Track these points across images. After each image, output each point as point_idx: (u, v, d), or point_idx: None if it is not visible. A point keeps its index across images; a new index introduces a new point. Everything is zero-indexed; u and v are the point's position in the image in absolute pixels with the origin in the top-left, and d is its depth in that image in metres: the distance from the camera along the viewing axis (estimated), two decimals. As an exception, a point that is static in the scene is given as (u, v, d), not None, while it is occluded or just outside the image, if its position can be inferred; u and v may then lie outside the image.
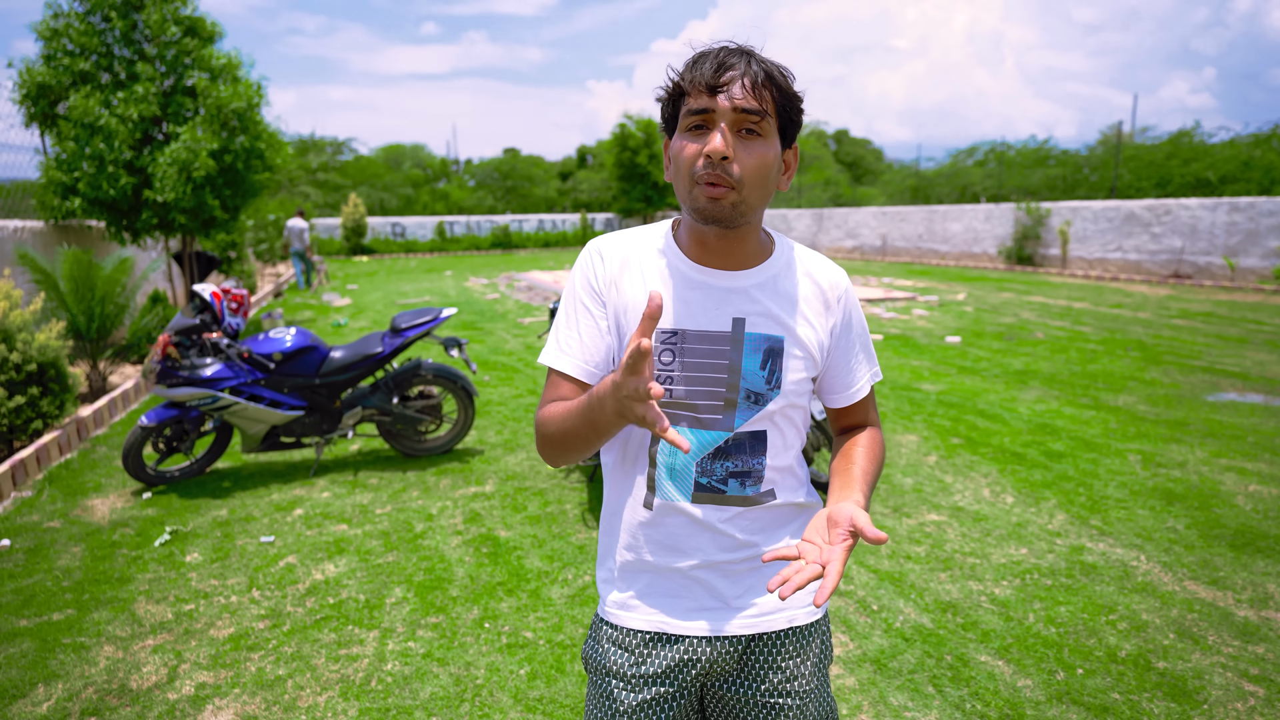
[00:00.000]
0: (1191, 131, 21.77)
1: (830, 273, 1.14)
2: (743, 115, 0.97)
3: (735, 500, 1.10)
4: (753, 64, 0.99)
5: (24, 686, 2.40)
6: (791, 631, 1.16)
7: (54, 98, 7.42)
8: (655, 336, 1.04)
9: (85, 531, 3.58)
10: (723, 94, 0.97)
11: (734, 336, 1.06)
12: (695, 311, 1.06)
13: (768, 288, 1.09)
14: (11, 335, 4.37)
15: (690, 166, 0.99)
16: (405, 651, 2.58)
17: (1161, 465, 4.27)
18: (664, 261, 1.09)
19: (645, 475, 1.12)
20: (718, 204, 0.99)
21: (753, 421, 1.08)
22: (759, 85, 0.98)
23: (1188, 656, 2.49)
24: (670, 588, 1.14)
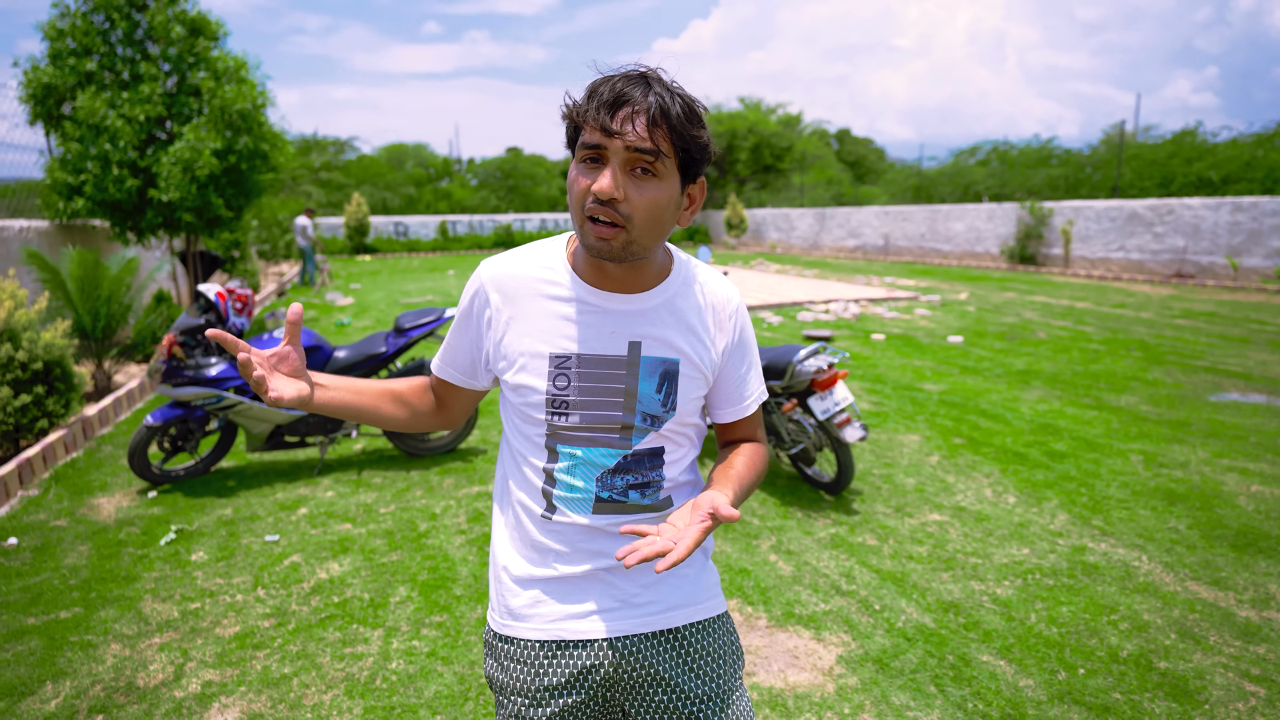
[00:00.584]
0: (1194, 131, 21.73)
1: (722, 290, 1.15)
2: (636, 155, 0.94)
3: (636, 508, 1.11)
4: (650, 98, 0.94)
5: (32, 684, 2.42)
6: (694, 627, 1.14)
7: (59, 97, 7.44)
8: (550, 360, 1.05)
9: (91, 530, 3.60)
10: (615, 135, 0.93)
11: (630, 361, 1.05)
12: (590, 336, 1.05)
13: (663, 310, 1.08)
14: (17, 334, 4.39)
15: (581, 200, 0.97)
16: (410, 650, 2.60)
17: (1163, 465, 4.27)
18: (557, 286, 1.08)
19: (541, 493, 1.11)
20: (607, 244, 0.97)
21: (649, 440, 1.09)
22: (655, 124, 0.94)
23: (1189, 657, 2.50)
24: (566, 591, 1.12)
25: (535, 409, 1.07)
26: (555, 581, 1.12)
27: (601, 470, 1.08)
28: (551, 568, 1.12)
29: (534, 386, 1.06)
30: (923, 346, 7.95)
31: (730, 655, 1.17)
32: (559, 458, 1.09)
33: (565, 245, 1.12)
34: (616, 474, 1.08)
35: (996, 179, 24.45)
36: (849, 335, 8.68)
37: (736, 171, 32.70)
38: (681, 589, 1.14)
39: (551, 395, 1.05)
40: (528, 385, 1.07)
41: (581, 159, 0.97)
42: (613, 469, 1.08)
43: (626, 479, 1.09)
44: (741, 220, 26.17)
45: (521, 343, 1.07)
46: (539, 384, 1.06)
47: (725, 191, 31.12)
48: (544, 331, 1.06)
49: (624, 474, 1.09)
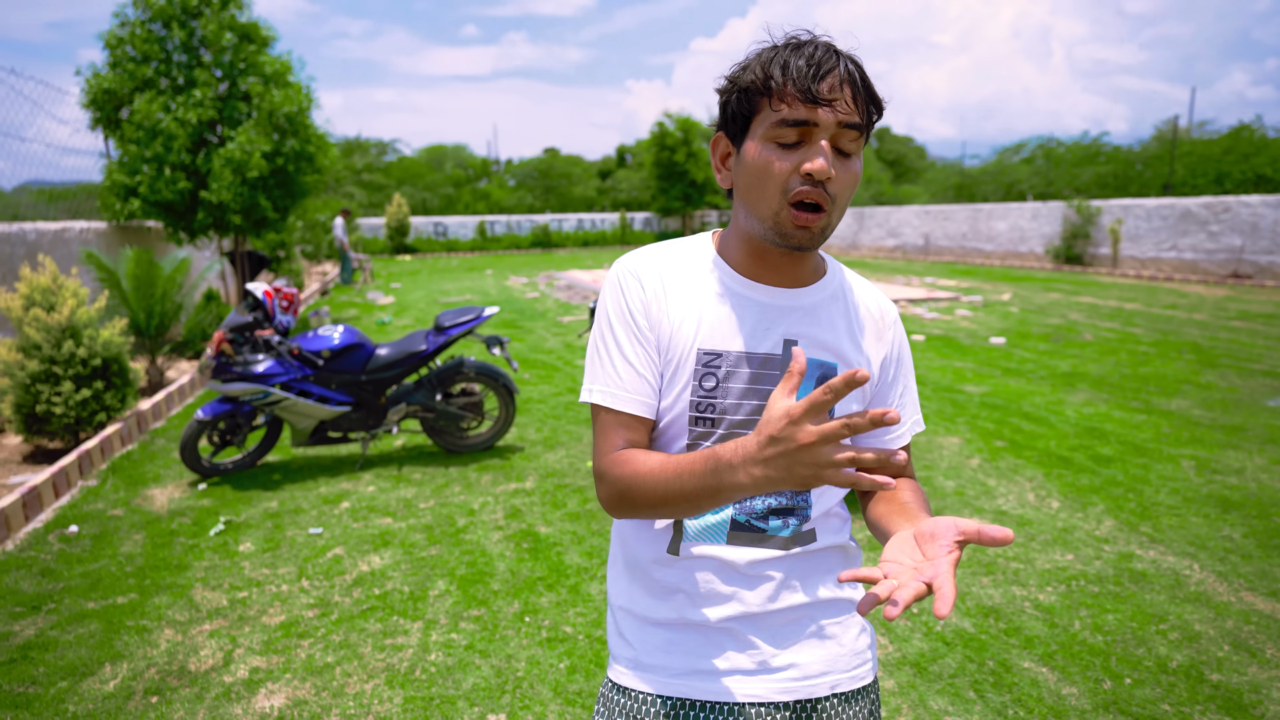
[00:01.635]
0: (1252, 125, 20.93)
1: (882, 300, 1.05)
2: (843, 131, 0.86)
3: (775, 541, 0.98)
4: (849, 66, 0.86)
5: (93, 665, 2.53)
6: (836, 699, 1.01)
7: (118, 103, 7.74)
8: (698, 357, 0.94)
9: (146, 520, 3.74)
10: (825, 106, 0.84)
11: (784, 360, 0.94)
12: (743, 331, 0.94)
13: (822, 309, 0.98)
14: (79, 332, 4.57)
15: (783, 184, 0.87)
16: (448, 643, 2.65)
17: (1217, 472, 4.13)
18: (709, 276, 0.98)
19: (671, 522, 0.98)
20: (809, 232, 0.88)
21: None
22: (859, 95, 0.86)
23: (1244, 669, 2.42)
24: (695, 644, 0.99)
25: (678, 417, 0.95)
26: (683, 630, 0.99)
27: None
28: (678, 613, 0.98)
29: (678, 387, 0.94)
30: (964, 348, 7.80)
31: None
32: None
33: (710, 239, 1.03)
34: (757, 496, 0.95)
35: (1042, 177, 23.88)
36: (887, 336, 8.55)
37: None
38: (825, 655, 1.01)
39: (697, 399, 0.93)
40: (670, 384, 0.95)
41: (775, 139, 0.87)
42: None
43: (768, 502, 0.96)
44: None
45: (670, 336, 0.95)
46: (683, 383, 0.94)
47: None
48: (691, 322, 0.94)
49: (765, 497, 0.96)
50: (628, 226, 29.25)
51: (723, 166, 0.97)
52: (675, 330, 0.95)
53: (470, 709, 2.30)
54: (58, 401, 4.41)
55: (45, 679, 2.45)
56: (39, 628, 2.76)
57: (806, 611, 1.01)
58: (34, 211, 7.58)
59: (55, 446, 4.70)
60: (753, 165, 0.89)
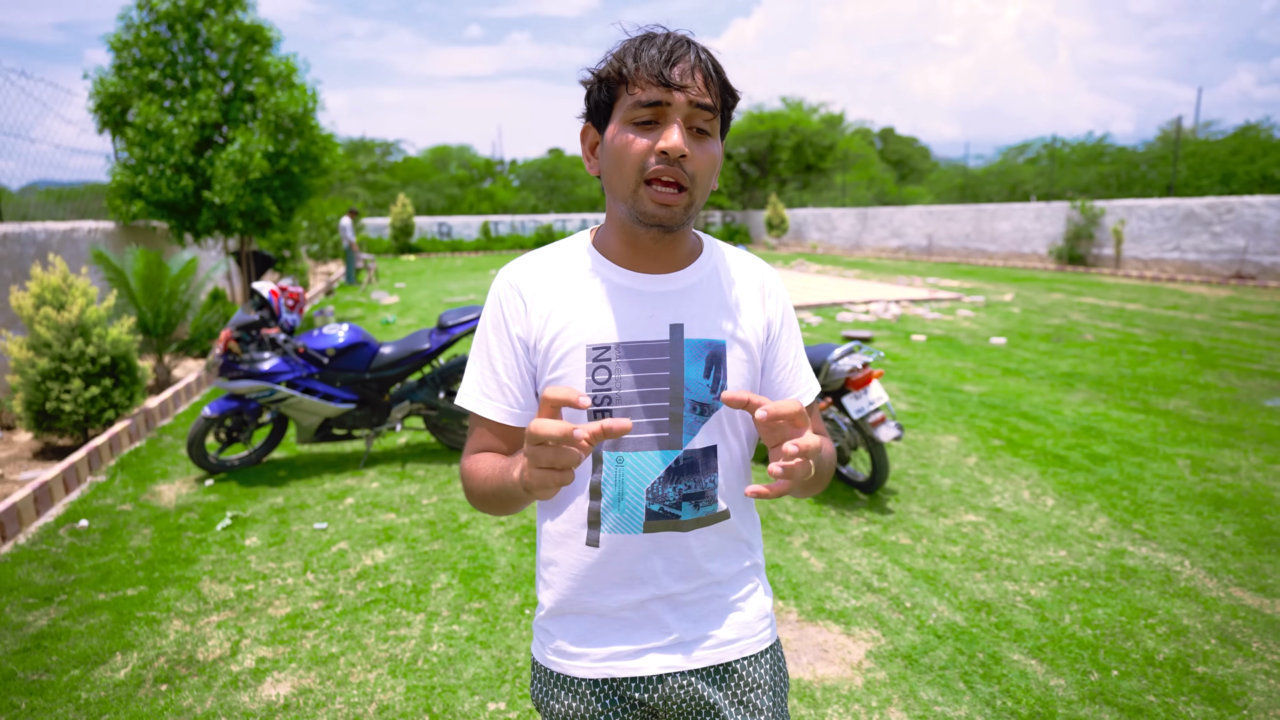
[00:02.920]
0: (1258, 126, 20.89)
1: (761, 268, 1.09)
2: (696, 111, 0.90)
3: (690, 524, 1.02)
4: (700, 54, 0.91)
5: (104, 654, 2.59)
6: (745, 661, 1.09)
7: (124, 106, 7.82)
8: (587, 353, 0.97)
9: (154, 515, 3.81)
10: (679, 89, 0.89)
11: (673, 344, 0.97)
12: (629, 322, 0.97)
13: (702, 288, 1.01)
14: (89, 330, 4.65)
15: (639, 162, 0.91)
16: (450, 634, 2.71)
17: (1212, 470, 4.17)
18: (588, 273, 1.00)
19: (587, 509, 1.01)
20: (669, 209, 0.92)
21: (701, 435, 1.00)
22: (710, 79, 0.91)
23: (1229, 662, 2.46)
24: (617, 627, 1.05)
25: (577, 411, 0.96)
26: (604, 616, 1.05)
27: (651, 479, 0.99)
28: (600, 598, 1.04)
29: (571, 383, 0.97)
30: (964, 348, 7.84)
31: (779, 685, 1.12)
32: (602, 465, 0.99)
33: (587, 235, 1.06)
34: (668, 482, 0.99)
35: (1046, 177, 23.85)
36: (889, 336, 8.60)
37: (778, 171, 32.48)
38: (735, 623, 1.08)
39: (593, 393, 0.96)
40: (563, 383, 0.97)
41: (632, 120, 0.91)
42: (663, 475, 0.99)
43: (679, 488, 0.99)
44: (782, 220, 26.00)
45: (555, 337, 0.98)
46: (577, 381, 0.97)
47: (766, 191, 30.95)
48: (576, 322, 0.98)
49: (675, 481, 0.99)
50: (631, 227, 29.26)
51: (591, 155, 1.00)
52: (560, 332, 0.98)
53: (471, 697, 2.36)
54: (67, 399, 4.49)
55: (58, 667, 2.52)
56: (51, 618, 2.82)
57: (716, 590, 1.07)
58: (42, 212, 7.66)
59: (65, 443, 4.77)
60: (612, 148, 0.93)
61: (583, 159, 1.02)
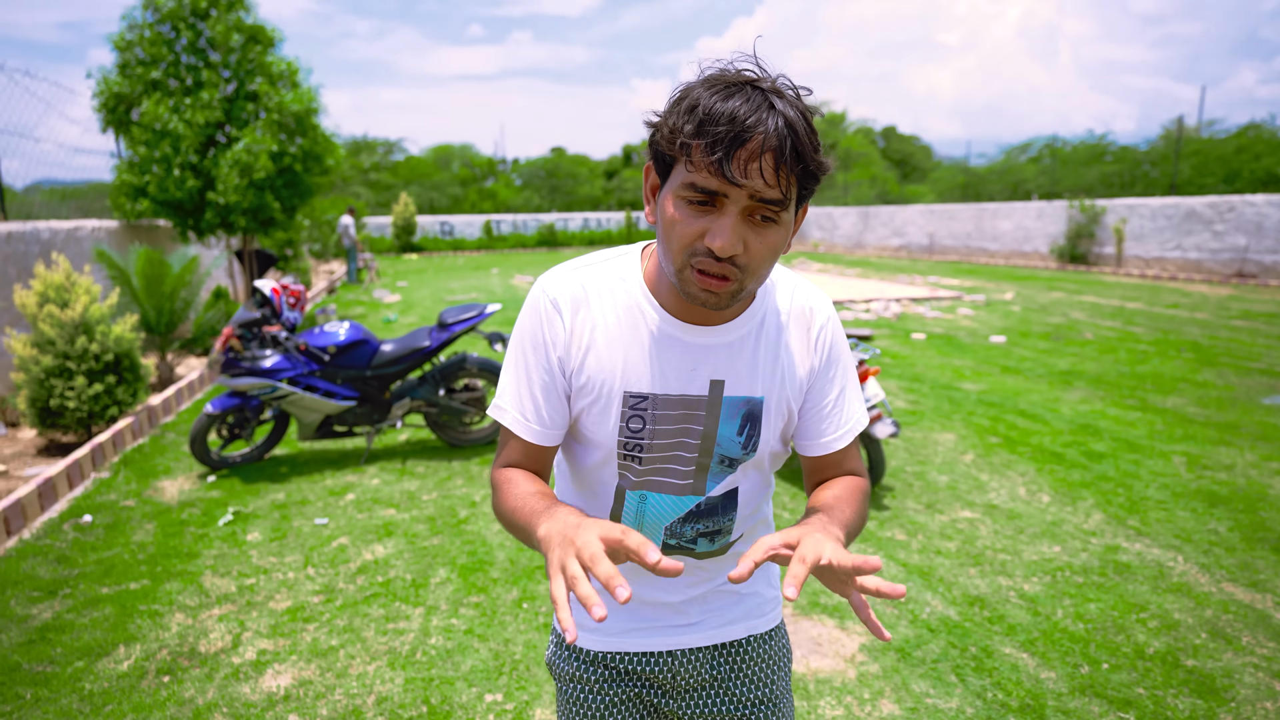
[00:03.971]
0: (1262, 125, 20.87)
1: (808, 302, 1.01)
2: (759, 202, 0.79)
3: (704, 555, 1.05)
4: (780, 129, 0.77)
5: (107, 646, 2.63)
6: (752, 639, 1.13)
7: (128, 105, 7.86)
8: (624, 399, 0.94)
9: (157, 510, 3.85)
10: (738, 182, 0.77)
11: (710, 401, 0.94)
12: (669, 373, 0.93)
13: (746, 344, 0.96)
14: (92, 328, 4.69)
15: (687, 246, 0.83)
16: (448, 627, 2.74)
17: (1207, 468, 4.19)
18: (634, 311, 0.95)
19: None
20: (714, 296, 0.84)
21: (725, 484, 1.00)
22: (784, 165, 0.77)
23: (1219, 656, 2.49)
24: (629, 612, 1.09)
25: (605, 450, 0.97)
26: (614, 603, 1.08)
27: (671, 519, 1.00)
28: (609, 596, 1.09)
29: (605, 425, 0.95)
30: (963, 346, 7.86)
31: (782, 661, 1.15)
32: (625, 502, 1.00)
33: (640, 260, 0.98)
34: (687, 522, 1.00)
35: (1048, 176, 23.85)
36: (889, 334, 8.62)
37: (779, 170, 32.46)
38: (745, 607, 1.13)
39: (624, 438, 0.95)
40: (597, 424, 0.96)
41: (684, 198, 0.82)
42: (683, 517, 1.00)
43: (696, 527, 1.01)
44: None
45: (593, 376, 0.94)
46: (610, 424, 0.95)
47: (767, 190, 30.90)
48: (619, 364, 0.94)
49: (694, 522, 1.01)
50: (633, 226, 29.33)
51: (651, 198, 0.91)
52: (599, 369, 0.94)
53: (468, 689, 2.39)
54: (71, 396, 4.53)
55: (62, 659, 2.56)
56: (56, 611, 2.86)
57: (726, 587, 1.12)
58: (46, 210, 7.71)
59: (69, 440, 4.82)
60: (664, 215, 0.85)
61: (643, 200, 0.93)
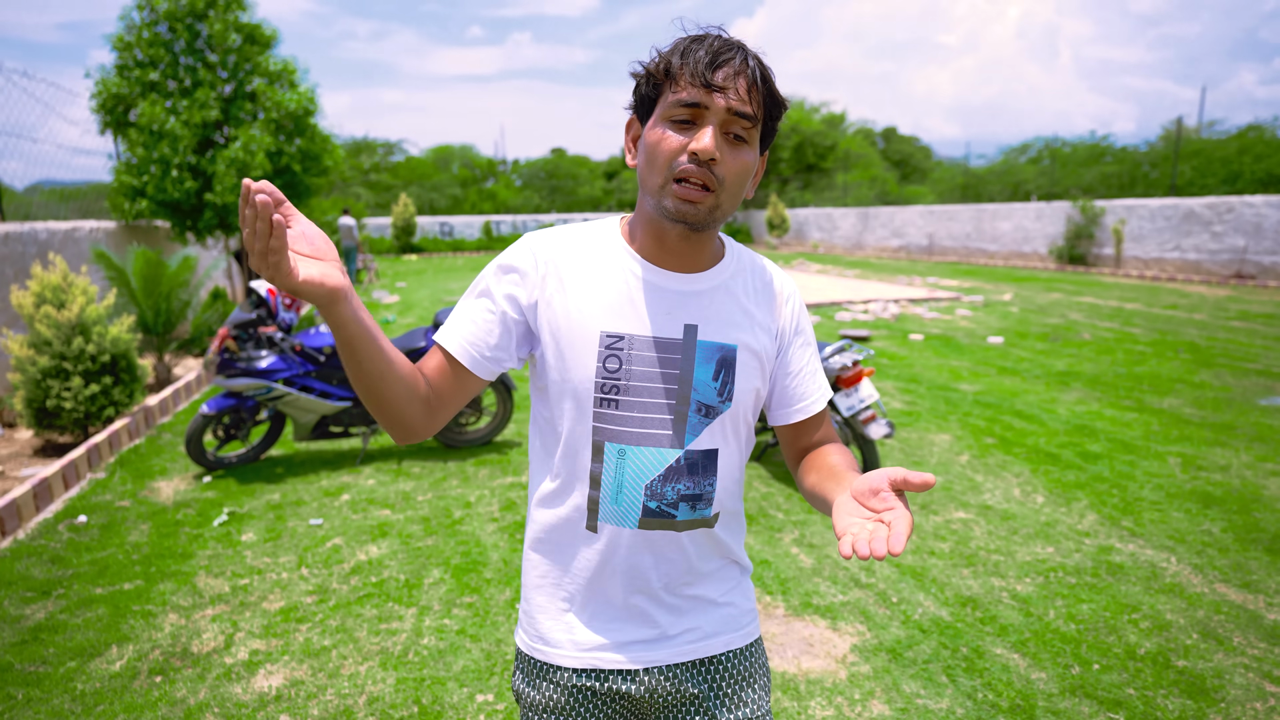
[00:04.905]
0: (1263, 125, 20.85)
1: (780, 275, 1.11)
2: (734, 118, 0.91)
3: (684, 525, 1.03)
4: (749, 61, 0.92)
5: (100, 646, 2.63)
6: (730, 655, 1.11)
7: (126, 106, 7.87)
8: (600, 339, 0.98)
9: (152, 510, 3.85)
10: (719, 92, 0.90)
11: (685, 344, 0.99)
12: (645, 316, 0.99)
13: (721, 292, 1.03)
14: (88, 329, 4.69)
15: (670, 160, 0.92)
16: (441, 628, 2.74)
17: (1202, 468, 4.19)
18: (612, 259, 1.02)
19: (586, 498, 1.02)
20: (694, 207, 0.93)
21: (704, 438, 1.01)
22: (755, 87, 0.92)
23: (1210, 656, 2.49)
24: (601, 620, 1.06)
25: (582, 396, 0.98)
26: (590, 607, 1.06)
27: (651, 476, 0.99)
28: (588, 588, 1.05)
29: (582, 367, 0.98)
30: (961, 347, 7.86)
31: (761, 680, 1.13)
32: (604, 457, 1.00)
33: (618, 223, 1.06)
34: (667, 481, 1.00)
35: (1047, 177, 23.85)
36: (887, 335, 8.62)
37: (779, 171, 32.51)
38: (718, 617, 1.10)
39: (601, 379, 0.97)
40: (573, 366, 0.98)
41: (670, 118, 0.93)
42: (663, 474, 1.00)
43: (678, 488, 1.00)
44: (783, 220, 26.03)
45: (570, 317, 0.98)
46: (588, 365, 0.97)
47: (767, 191, 30.96)
48: (595, 306, 0.99)
49: (675, 481, 1.00)
50: (633, 226, 29.33)
51: (632, 147, 1.02)
52: (576, 309, 0.98)
53: (459, 689, 2.39)
54: (67, 396, 4.53)
55: (55, 659, 2.56)
56: (49, 611, 2.86)
57: (702, 589, 1.09)
58: (45, 211, 7.72)
59: (65, 440, 4.82)
60: (648, 142, 0.95)
61: (624, 151, 1.04)
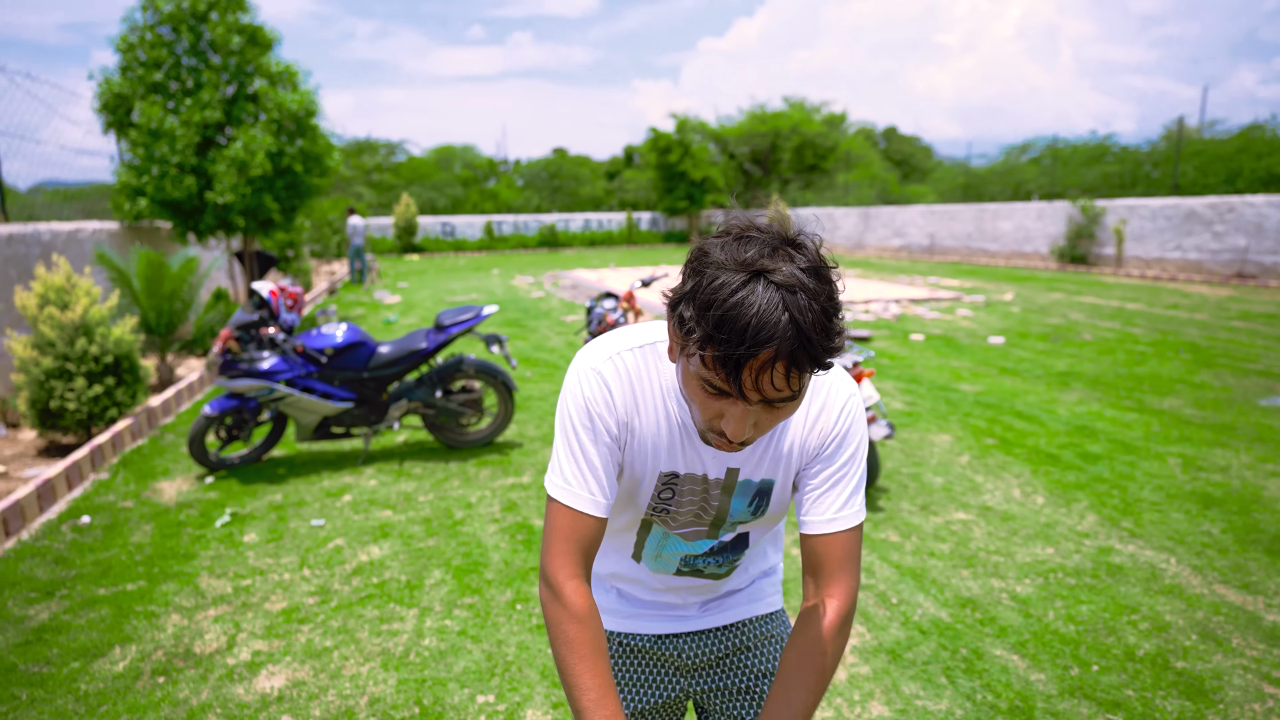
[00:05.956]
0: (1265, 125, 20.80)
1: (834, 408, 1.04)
2: (771, 408, 0.86)
3: (712, 575, 1.22)
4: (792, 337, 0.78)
5: (103, 647, 2.65)
6: (753, 620, 1.28)
7: (129, 106, 7.89)
8: (659, 477, 1.07)
9: (155, 511, 3.86)
10: (747, 397, 0.82)
11: (727, 484, 1.07)
12: (694, 458, 1.05)
13: (767, 438, 1.05)
14: (91, 330, 4.71)
15: (705, 421, 0.91)
16: (442, 629, 2.75)
17: (1202, 469, 4.19)
18: (666, 403, 1.04)
19: (634, 539, 1.18)
20: (732, 446, 0.93)
21: (736, 531, 1.16)
22: (795, 371, 0.80)
23: (1209, 658, 2.50)
24: (640, 601, 1.25)
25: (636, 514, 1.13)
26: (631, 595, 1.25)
27: (688, 552, 1.17)
28: (630, 586, 1.24)
29: (640, 498, 1.10)
30: (962, 347, 7.86)
31: (784, 640, 1.28)
32: (650, 532, 1.16)
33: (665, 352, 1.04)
34: (700, 557, 1.18)
35: (1049, 177, 23.82)
36: (887, 335, 8.63)
37: (780, 171, 32.50)
38: (746, 598, 1.28)
39: (654, 505, 1.10)
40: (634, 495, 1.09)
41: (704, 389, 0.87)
42: (699, 553, 1.17)
43: (709, 561, 1.18)
44: (784, 220, 25.93)
45: (640, 453, 1.05)
46: (645, 494, 1.09)
47: (768, 191, 30.96)
48: (654, 449, 1.05)
49: (709, 556, 1.18)
50: (634, 226, 29.35)
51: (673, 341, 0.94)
52: (639, 450, 1.05)
53: (460, 690, 2.40)
54: (71, 397, 4.55)
55: (58, 659, 2.58)
56: (52, 612, 2.88)
57: (729, 587, 1.27)
58: (49, 212, 7.74)
59: (68, 441, 4.84)
60: (685, 377, 0.90)
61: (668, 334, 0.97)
